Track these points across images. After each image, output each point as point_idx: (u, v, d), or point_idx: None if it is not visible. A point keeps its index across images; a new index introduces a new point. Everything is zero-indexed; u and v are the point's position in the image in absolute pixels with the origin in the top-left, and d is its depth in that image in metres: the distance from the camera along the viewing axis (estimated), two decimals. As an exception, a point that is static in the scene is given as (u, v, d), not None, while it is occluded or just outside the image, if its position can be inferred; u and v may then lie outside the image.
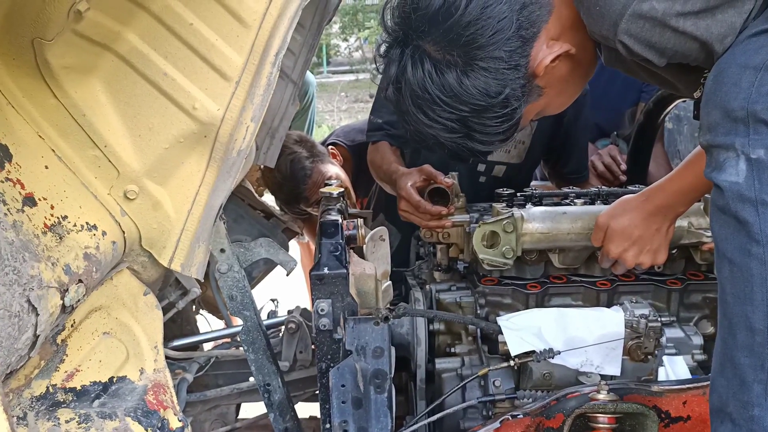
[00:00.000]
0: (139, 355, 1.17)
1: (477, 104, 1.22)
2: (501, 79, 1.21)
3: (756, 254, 0.97)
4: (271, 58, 1.11)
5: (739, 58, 1.02)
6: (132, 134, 1.10)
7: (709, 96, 1.03)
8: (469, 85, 1.20)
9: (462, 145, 1.28)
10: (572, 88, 1.35)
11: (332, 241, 1.40)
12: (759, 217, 0.97)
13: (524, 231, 1.59)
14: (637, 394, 1.28)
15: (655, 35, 1.09)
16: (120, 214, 1.13)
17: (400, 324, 1.68)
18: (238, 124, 1.12)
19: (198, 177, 1.16)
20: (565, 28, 1.24)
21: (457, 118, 1.24)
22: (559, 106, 1.38)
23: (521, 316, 1.53)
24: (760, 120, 0.96)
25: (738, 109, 0.98)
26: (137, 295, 1.20)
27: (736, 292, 1.00)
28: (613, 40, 1.13)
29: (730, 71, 1.01)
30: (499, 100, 1.22)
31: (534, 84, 1.26)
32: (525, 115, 1.31)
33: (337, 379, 1.32)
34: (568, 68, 1.28)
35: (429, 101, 1.23)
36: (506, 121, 1.25)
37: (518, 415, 1.31)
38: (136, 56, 1.07)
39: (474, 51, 1.19)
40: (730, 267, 1.01)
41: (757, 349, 0.98)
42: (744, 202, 0.98)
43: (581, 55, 1.27)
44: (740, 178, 0.98)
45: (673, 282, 1.64)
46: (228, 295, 1.36)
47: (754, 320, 0.98)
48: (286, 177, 2.60)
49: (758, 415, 0.98)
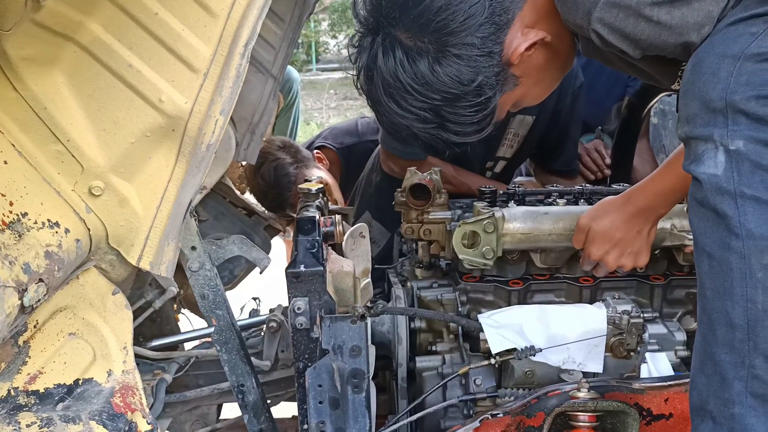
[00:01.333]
0: (106, 357, 1.14)
1: (450, 92, 1.20)
2: (474, 66, 1.19)
3: (735, 248, 0.95)
4: (240, 49, 1.08)
5: (717, 47, 1.00)
6: (96, 128, 1.07)
7: (687, 87, 1.01)
8: (441, 73, 1.18)
9: (436, 135, 1.26)
10: (550, 78, 1.32)
11: (309, 238, 1.37)
12: (738, 210, 0.95)
13: (505, 231, 1.56)
14: (618, 392, 1.26)
15: (629, 25, 1.07)
16: (85, 210, 1.10)
17: (381, 322, 1.66)
18: (206, 117, 1.09)
19: (166, 172, 1.12)
20: (540, 16, 1.22)
21: (429, 107, 1.21)
22: (536, 96, 1.36)
23: (502, 314, 1.50)
24: (738, 110, 0.94)
25: (717, 99, 0.96)
26: (105, 294, 1.17)
27: (716, 287, 0.98)
28: (587, 30, 1.11)
29: (708, 61, 0.99)
30: (472, 88, 1.20)
31: (509, 73, 1.23)
32: (501, 106, 1.28)
33: (314, 379, 1.29)
34: (545, 57, 1.25)
35: (401, 90, 1.21)
36: (480, 110, 1.23)
37: (498, 414, 1.28)
38: (99, 47, 1.03)
39: (445, 37, 1.17)
40: (709, 261, 0.99)
41: (737, 345, 0.96)
42: (723, 194, 0.96)
43: (558, 44, 1.25)
44: (719, 170, 0.96)
45: (656, 278, 1.63)
46: (199, 294, 1.33)
47: (733, 316, 0.96)
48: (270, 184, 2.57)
49: (739, 413, 0.96)
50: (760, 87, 0.94)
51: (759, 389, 0.95)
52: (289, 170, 2.54)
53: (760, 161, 0.94)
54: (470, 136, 1.27)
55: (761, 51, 0.95)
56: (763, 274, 0.94)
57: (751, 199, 0.94)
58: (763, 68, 0.94)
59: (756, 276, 0.94)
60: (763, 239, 0.94)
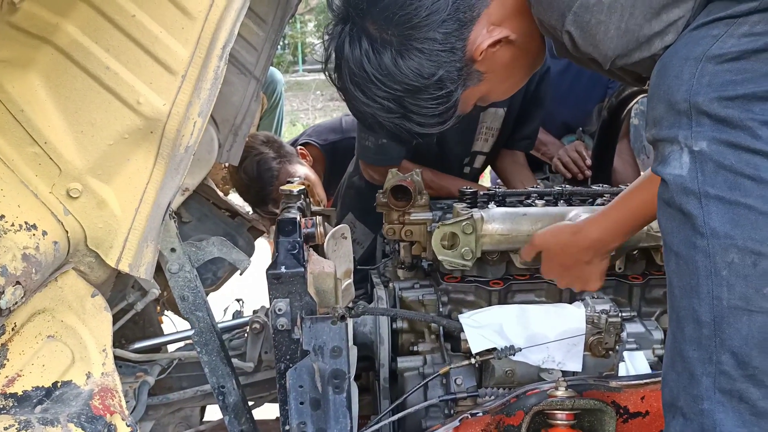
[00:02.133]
0: (85, 359, 1.13)
1: (411, 85, 1.22)
2: (435, 60, 1.21)
3: (701, 247, 0.97)
4: (218, 51, 1.08)
5: (680, 51, 1.02)
6: (74, 130, 1.06)
7: (654, 90, 1.03)
8: (403, 65, 1.20)
9: (400, 125, 1.28)
10: (516, 75, 1.34)
11: (290, 239, 1.37)
12: (703, 210, 0.96)
13: (484, 232, 1.57)
14: (595, 390, 1.27)
15: (599, 32, 1.09)
16: (63, 213, 1.09)
17: (363, 323, 1.66)
18: (185, 119, 1.09)
19: (145, 174, 1.12)
20: (508, 15, 1.24)
21: (393, 98, 1.24)
22: (504, 92, 1.38)
23: (483, 314, 1.51)
24: (702, 112, 0.96)
25: (681, 101, 0.98)
26: (84, 296, 1.16)
27: (683, 285, 1.00)
28: (561, 31, 1.13)
29: (671, 64, 1.01)
30: (433, 82, 1.22)
31: (473, 68, 1.25)
32: (465, 100, 1.31)
33: (295, 380, 1.29)
34: (511, 55, 1.27)
35: (366, 80, 1.23)
36: (442, 103, 1.25)
37: (478, 413, 1.29)
38: (76, 49, 1.03)
39: (409, 31, 1.19)
40: (676, 260, 1.01)
41: (705, 342, 0.98)
42: (688, 194, 0.98)
43: (525, 42, 1.27)
44: (684, 171, 0.98)
45: (634, 277, 1.64)
46: (179, 296, 1.33)
47: (700, 313, 0.98)
48: (252, 179, 2.56)
49: (708, 409, 0.97)
50: (722, 88, 0.96)
51: (726, 385, 0.97)
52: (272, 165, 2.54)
53: (722, 161, 0.96)
54: (433, 127, 1.29)
55: (722, 52, 0.97)
56: (728, 272, 0.96)
57: (715, 199, 0.96)
58: (724, 69, 0.96)
59: (721, 274, 0.96)
60: (726, 238, 0.96)
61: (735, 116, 0.95)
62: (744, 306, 0.95)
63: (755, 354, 0.96)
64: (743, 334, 0.96)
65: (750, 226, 0.95)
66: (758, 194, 0.95)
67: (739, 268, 0.95)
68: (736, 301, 0.96)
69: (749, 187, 0.95)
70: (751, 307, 0.95)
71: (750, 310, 0.95)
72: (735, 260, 0.95)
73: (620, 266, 1.64)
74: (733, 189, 0.95)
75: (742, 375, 0.96)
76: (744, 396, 0.96)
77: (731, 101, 0.95)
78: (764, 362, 0.95)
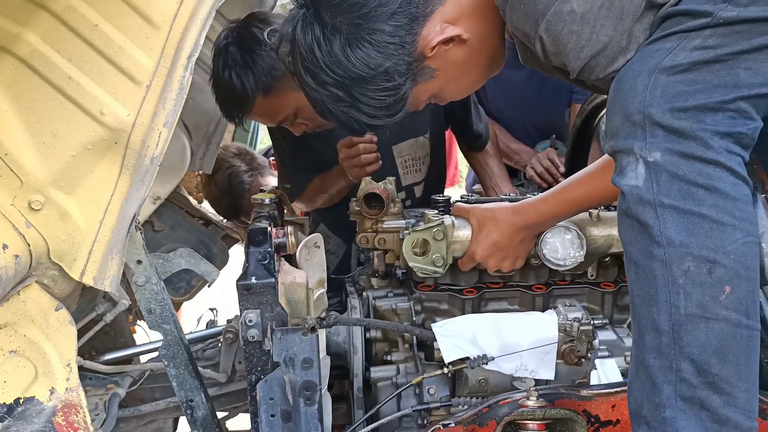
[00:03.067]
0: (49, 374, 1.11)
1: (358, 74, 1.22)
2: (383, 52, 1.21)
3: (657, 256, 0.98)
4: (184, 61, 1.07)
5: (635, 64, 1.04)
6: (35, 141, 1.05)
7: (611, 103, 1.05)
8: (351, 54, 1.21)
9: (349, 114, 1.28)
10: (470, 75, 1.34)
11: (260, 249, 1.36)
12: (658, 219, 0.98)
13: (455, 239, 1.57)
14: (567, 399, 1.27)
15: (570, 41, 1.09)
16: (25, 225, 1.07)
17: (337, 332, 1.65)
18: (150, 130, 1.08)
19: (110, 185, 1.10)
20: (464, 15, 1.25)
21: (341, 86, 1.24)
22: (456, 92, 1.38)
23: (455, 323, 1.51)
24: (655, 123, 0.98)
25: (635, 112, 1.00)
26: (48, 310, 1.14)
27: (642, 294, 1.01)
28: (534, 38, 1.13)
29: (626, 77, 1.03)
30: (380, 72, 1.22)
31: (424, 64, 1.26)
32: (417, 95, 1.31)
33: (265, 392, 1.28)
34: (463, 54, 1.27)
35: (316, 65, 1.23)
36: (390, 95, 1.25)
37: (450, 424, 1.29)
38: (37, 59, 1.01)
39: (358, 20, 1.20)
40: (635, 269, 1.02)
41: (665, 350, 0.98)
42: (644, 205, 0.99)
43: (479, 43, 1.28)
44: (639, 182, 0.99)
45: (606, 284, 1.65)
46: (146, 309, 1.31)
47: (659, 321, 0.99)
48: (224, 191, 2.56)
49: (670, 417, 0.98)
50: (674, 99, 0.98)
51: (687, 392, 0.98)
52: (243, 178, 2.53)
53: (676, 172, 0.97)
54: (382, 119, 1.29)
55: (674, 64, 0.99)
56: (684, 280, 0.97)
57: (670, 208, 0.98)
58: (676, 80, 0.98)
59: (678, 282, 0.97)
60: (682, 246, 0.97)
61: (687, 127, 0.97)
62: (701, 314, 0.97)
63: (714, 361, 0.97)
64: (701, 341, 0.97)
65: (704, 235, 0.97)
66: (711, 203, 0.97)
67: (695, 276, 0.97)
68: (693, 308, 0.97)
69: (702, 196, 0.97)
70: (708, 315, 0.97)
71: (707, 318, 0.97)
72: (691, 268, 0.97)
73: (592, 273, 1.65)
74: (687, 198, 0.97)
75: (702, 382, 0.97)
76: (705, 403, 0.97)
77: (683, 112, 0.97)
78: (723, 369, 0.97)
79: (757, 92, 0.98)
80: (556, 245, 1.54)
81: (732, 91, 0.97)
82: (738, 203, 0.97)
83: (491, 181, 2.39)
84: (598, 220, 1.57)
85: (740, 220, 0.97)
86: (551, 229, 1.54)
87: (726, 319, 0.97)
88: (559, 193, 1.47)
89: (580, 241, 1.54)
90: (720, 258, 0.96)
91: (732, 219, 0.97)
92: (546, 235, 1.54)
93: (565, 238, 1.54)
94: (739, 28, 0.98)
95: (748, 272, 0.98)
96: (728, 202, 0.97)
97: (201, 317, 2.12)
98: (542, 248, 1.55)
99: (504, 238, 1.51)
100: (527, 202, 1.52)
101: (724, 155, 0.97)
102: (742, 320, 0.97)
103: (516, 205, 1.53)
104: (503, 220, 1.51)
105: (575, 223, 1.55)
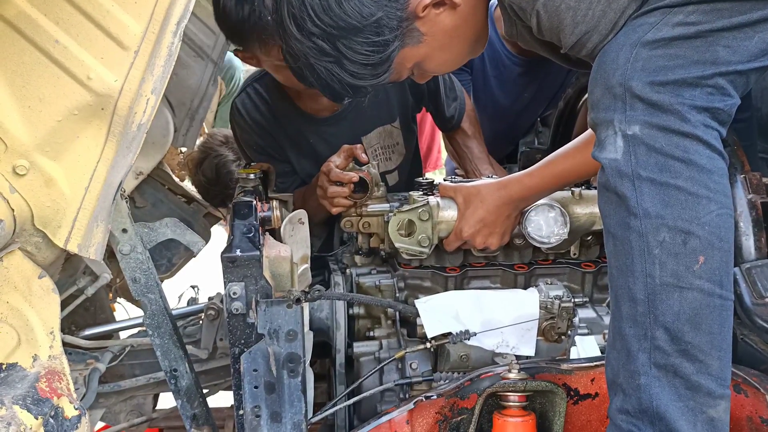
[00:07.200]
0: (32, 341, 1.10)
1: (348, 23, 1.20)
2: (376, 1, 1.20)
3: (634, 227, 1.01)
4: (173, 27, 1.06)
5: (619, 38, 1.06)
6: (21, 105, 1.03)
7: (593, 75, 1.07)
8: (343, 0, 1.19)
9: (332, 72, 1.25)
10: (456, 48, 1.34)
11: (245, 222, 1.36)
12: (636, 192, 1.00)
13: (440, 219, 1.58)
14: (547, 373, 1.29)
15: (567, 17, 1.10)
16: (8, 190, 1.06)
17: (320, 308, 1.66)
18: (137, 96, 1.06)
19: (96, 152, 1.09)
20: None
21: (327, 37, 1.21)
22: (441, 63, 1.37)
23: (439, 299, 1.52)
24: (635, 96, 1.00)
25: (616, 85, 1.01)
26: (31, 278, 1.13)
27: (619, 265, 1.04)
28: (530, 13, 1.14)
29: (610, 50, 1.05)
30: (371, 23, 1.20)
31: (414, 25, 1.25)
32: (401, 61, 1.30)
33: (249, 363, 1.28)
34: (453, 22, 1.28)
35: (303, 11, 1.21)
36: (377, 51, 1.23)
37: (432, 396, 1.30)
38: (23, 21, 1.00)
39: None
40: (613, 241, 1.05)
41: (640, 319, 1.01)
42: (622, 177, 1.01)
43: (468, 14, 1.28)
44: (618, 155, 1.02)
45: (587, 264, 1.68)
46: (131, 278, 1.30)
47: (635, 291, 1.01)
48: (211, 181, 2.54)
49: (645, 384, 1.01)
50: (654, 73, 0.99)
51: (661, 360, 1.00)
52: (231, 167, 2.52)
53: (653, 144, 0.99)
54: (366, 79, 1.27)
55: (657, 38, 1.00)
56: (660, 251, 1.00)
57: (647, 181, 1.00)
58: (657, 54, 1.00)
59: (653, 252, 1.00)
60: (658, 218, 0.99)
61: (665, 101, 0.99)
62: (675, 283, 0.99)
63: (687, 329, 0.99)
64: (675, 310, 0.99)
65: (680, 206, 0.99)
66: (687, 176, 0.99)
67: (670, 247, 0.99)
68: (668, 278, 1.00)
69: (679, 168, 0.99)
70: (682, 284, 0.99)
71: (681, 287, 0.99)
72: (666, 239, 0.99)
73: (575, 252, 1.67)
74: (663, 171, 0.99)
75: (675, 350, 0.99)
76: (678, 371, 1.00)
77: (662, 86, 0.99)
78: (696, 337, 0.99)
79: (735, 69, 1.00)
80: (540, 223, 1.56)
81: (710, 67, 0.99)
82: (713, 176, 1.00)
83: (471, 164, 2.36)
84: (581, 198, 1.60)
85: (715, 192, 1.00)
86: (535, 208, 1.56)
87: (699, 289, 0.99)
88: (545, 167, 1.49)
89: (563, 219, 1.56)
90: (694, 229, 0.99)
91: (707, 191, 0.99)
92: (530, 213, 1.56)
93: (549, 216, 1.56)
94: (720, 6, 0.99)
95: (721, 243, 1.00)
96: (703, 174, 0.99)
97: (182, 295, 2.11)
98: (526, 226, 1.57)
99: (490, 214, 1.53)
100: (512, 177, 1.54)
101: (700, 129, 0.99)
102: (715, 290, 1.00)
103: (501, 181, 1.55)
104: (489, 195, 1.53)
105: (558, 201, 1.57)
